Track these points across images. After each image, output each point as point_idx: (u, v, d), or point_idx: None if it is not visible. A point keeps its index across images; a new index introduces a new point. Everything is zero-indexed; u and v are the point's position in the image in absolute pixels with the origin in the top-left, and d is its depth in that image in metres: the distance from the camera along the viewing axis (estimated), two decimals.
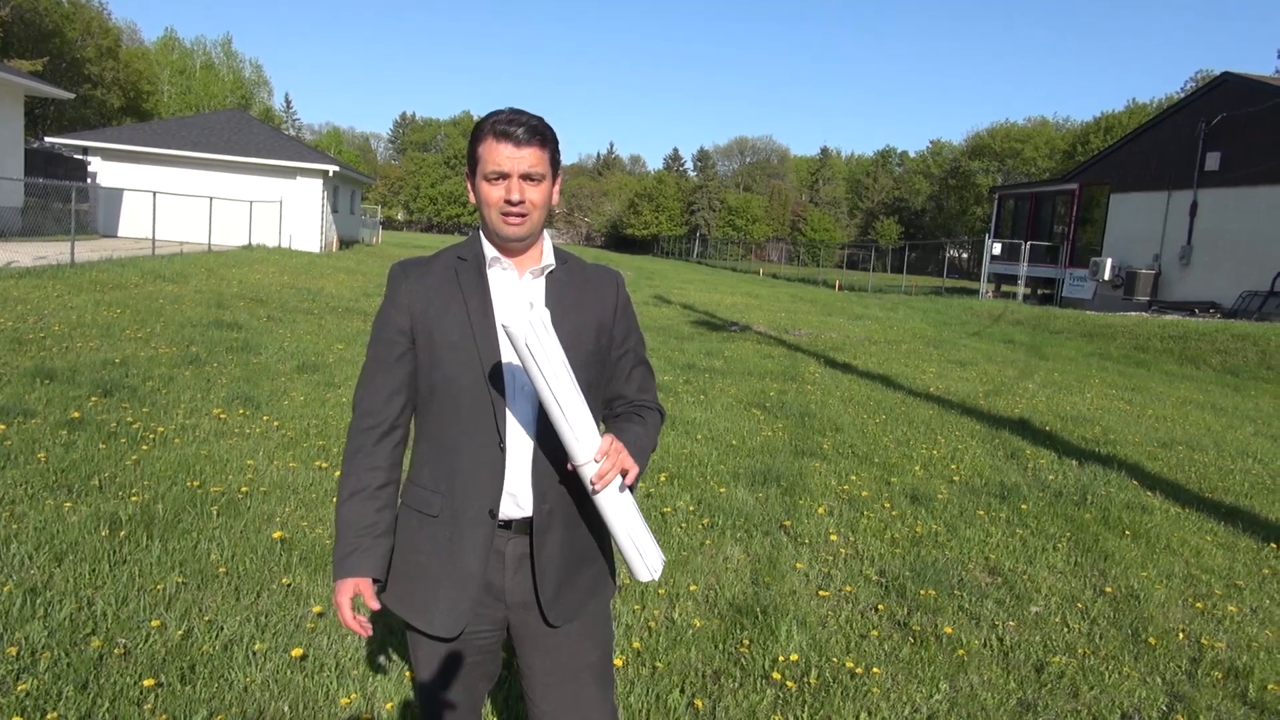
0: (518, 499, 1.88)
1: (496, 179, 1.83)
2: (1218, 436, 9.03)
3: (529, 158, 1.82)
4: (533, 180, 1.84)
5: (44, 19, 45.03)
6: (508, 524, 1.90)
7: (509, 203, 1.83)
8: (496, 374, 1.86)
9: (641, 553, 1.84)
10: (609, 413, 2.07)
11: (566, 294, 1.95)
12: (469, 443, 1.87)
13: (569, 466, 1.77)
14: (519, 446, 1.87)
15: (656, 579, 1.92)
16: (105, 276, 14.19)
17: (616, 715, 2.05)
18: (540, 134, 1.84)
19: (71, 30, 47.85)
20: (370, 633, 1.92)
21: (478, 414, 1.86)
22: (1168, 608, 4.45)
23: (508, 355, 1.87)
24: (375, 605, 1.88)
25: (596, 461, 1.72)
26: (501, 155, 1.81)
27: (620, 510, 1.80)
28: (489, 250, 1.92)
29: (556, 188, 1.94)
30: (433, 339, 1.88)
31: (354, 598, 1.88)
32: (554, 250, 1.98)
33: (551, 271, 1.96)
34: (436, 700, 2.00)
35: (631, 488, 1.85)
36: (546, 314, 1.69)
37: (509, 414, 1.86)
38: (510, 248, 1.90)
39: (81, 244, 17.82)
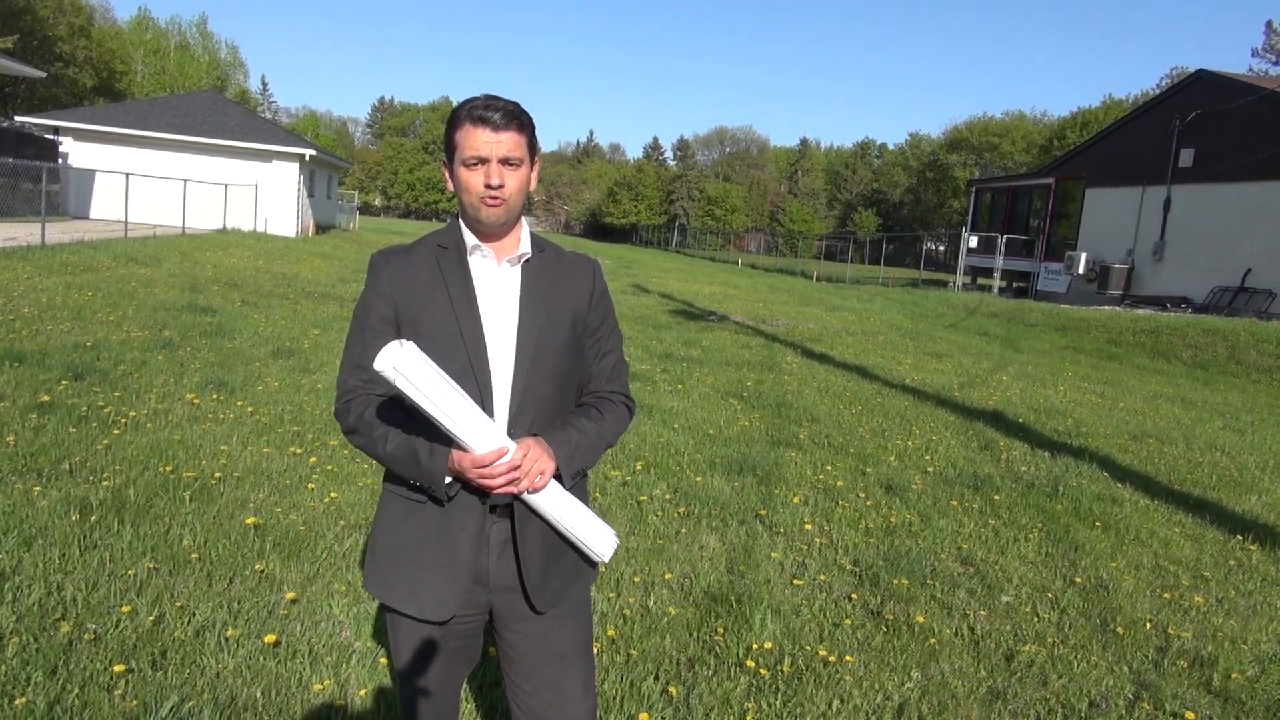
0: None
1: (475, 164, 1.83)
2: (1187, 430, 9.15)
3: (507, 142, 1.82)
4: (511, 165, 1.84)
5: None
6: (494, 508, 1.90)
7: (489, 187, 1.83)
8: (482, 365, 1.86)
9: (582, 542, 1.91)
10: (577, 400, 2.07)
11: (542, 281, 1.95)
12: None
13: None
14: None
15: (605, 561, 1.97)
16: (76, 259, 13.99)
17: (595, 697, 2.07)
18: (517, 118, 1.84)
19: (43, 8, 47.06)
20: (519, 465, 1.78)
21: None
22: (1136, 598, 4.51)
23: (491, 342, 1.87)
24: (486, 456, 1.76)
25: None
26: (479, 140, 1.81)
27: (549, 507, 1.85)
28: (469, 238, 1.92)
29: (534, 173, 1.94)
30: (417, 327, 1.87)
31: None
32: (531, 238, 1.98)
33: (528, 259, 1.95)
34: (416, 686, 2.00)
35: (560, 480, 1.86)
36: (411, 346, 1.67)
37: (494, 400, 1.87)
38: (490, 233, 1.90)
39: (52, 225, 17.55)
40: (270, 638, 3.29)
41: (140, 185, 22.83)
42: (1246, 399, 11.97)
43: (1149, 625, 4.19)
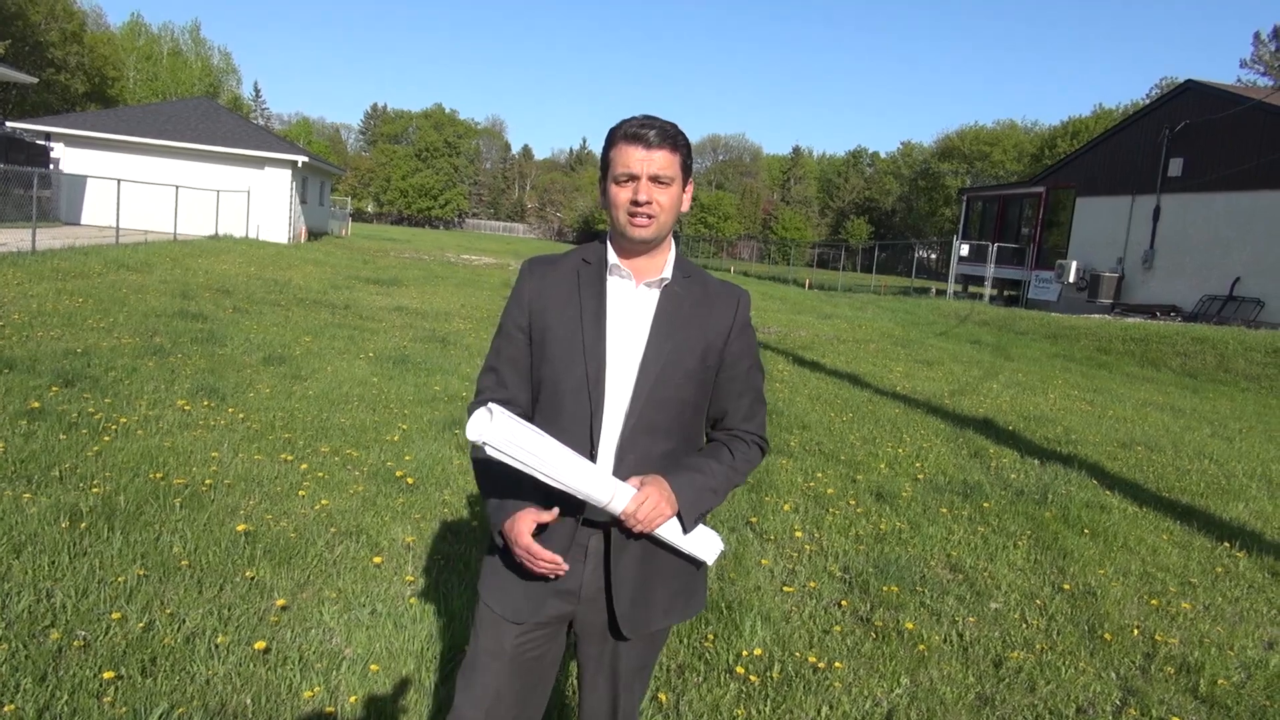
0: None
1: (626, 181, 1.85)
2: (1176, 437, 9.20)
3: (659, 160, 1.84)
4: (661, 183, 1.85)
5: (6, 2, 44.15)
6: (593, 523, 1.91)
7: (635, 203, 1.84)
8: (599, 381, 1.87)
9: (686, 549, 1.93)
10: (710, 433, 2.07)
11: (680, 308, 1.94)
12: (565, 444, 1.86)
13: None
14: (607, 457, 1.88)
15: (709, 564, 2.03)
16: (67, 265, 13.96)
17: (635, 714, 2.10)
18: (671, 138, 1.86)
19: (35, 13, 46.97)
20: (566, 568, 1.87)
21: (576, 419, 1.88)
22: (1124, 604, 4.54)
23: (612, 362, 1.88)
24: (550, 516, 1.85)
25: (622, 514, 1.80)
26: (632, 158, 1.83)
27: (663, 534, 1.88)
28: (611, 256, 1.93)
29: (687, 193, 1.94)
30: (545, 336, 1.91)
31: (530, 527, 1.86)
32: (679, 262, 1.97)
33: (668, 285, 1.95)
34: (478, 686, 1.96)
35: (682, 523, 1.88)
36: (500, 412, 1.71)
37: (604, 424, 1.87)
38: (634, 250, 1.91)
39: (43, 231, 17.50)
40: (260, 644, 3.29)
41: (132, 191, 22.79)
42: (1235, 407, 12.04)
43: (1136, 631, 4.22)
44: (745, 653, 3.63)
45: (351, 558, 4.22)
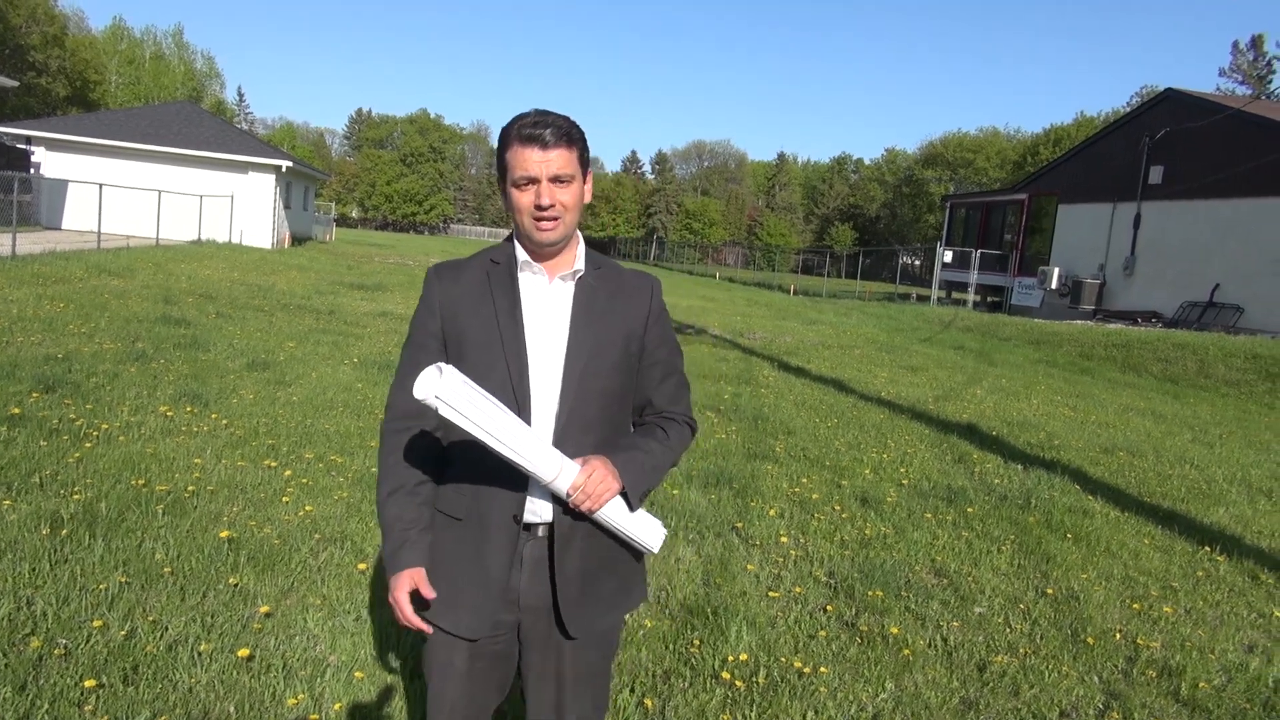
0: (537, 507, 1.88)
1: (526, 184, 1.82)
2: (1157, 443, 9.28)
3: (557, 160, 1.81)
4: (562, 182, 1.83)
5: None
6: (529, 527, 1.90)
7: (539, 208, 1.81)
8: (522, 379, 1.85)
9: (632, 537, 1.92)
10: (637, 421, 2.06)
11: (596, 299, 1.93)
12: None
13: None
14: None
15: (655, 552, 2.00)
16: (48, 270, 13.85)
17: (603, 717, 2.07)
18: (567, 134, 1.82)
19: (15, 16, 46.62)
20: (431, 630, 1.91)
21: None
22: (1106, 609, 4.57)
23: (538, 358, 1.87)
24: (431, 594, 1.87)
25: (569, 490, 1.77)
26: (529, 160, 1.80)
27: (605, 516, 1.86)
28: (520, 254, 1.91)
29: (588, 186, 1.92)
30: (461, 341, 1.89)
31: (411, 591, 1.88)
32: (588, 254, 1.96)
33: (582, 276, 1.94)
34: (446, 706, 1.98)
35: (627, 501, 1.87)
36: (451, 370, 1.69)
37: (534, 419, 1.85)
38: (543, 252, 1.89)
39: (23, 236, 17.36)
40: (244, 652, 3.27)
41: (114, 196, 22.62)
42: (1215, 412, 12.14)
43: (1119, 635, 4.24)
44: (731, 658, 3.63)
45: (336, 564, 4.20)
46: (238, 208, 29.36)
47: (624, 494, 1.85)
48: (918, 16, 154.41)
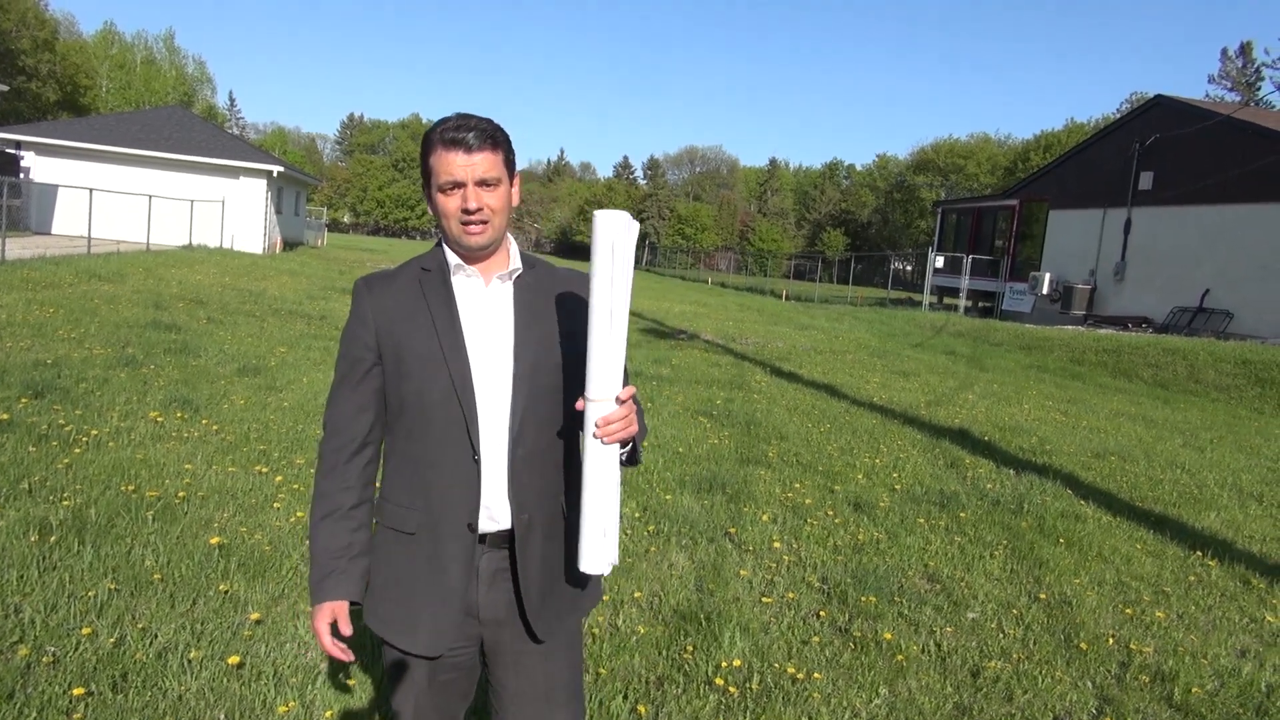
0: (493, 512, 1.86)
1: (452, 189, 1.79)
2: (1148, 447, 9.30)
3: (482, 164, 1.78)
4: (489, 185, 1.80)
5: None
6: (483, 538, 1.87)
7: (466, 212, 1.79)
8: (466, 385, 1.82)
9: (605, 534, 1.77)
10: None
11: (536, 299, 1.91)
12: (442, 456, 1.83)
13: (578, 404, 1.73)
14: (494, 458, 1.84)
15: (589, 572, 1.81)
16: (38, 275, 13.78)
17: None
18: (491, 137, 1.79)
19: (5, 20, 46.48)
20: (352, 658, 1.90)
21: (449, 426, 1.82)
22: (1099, 614, 4.57)
23: (476, 365, 1.83)
24: (348, 631, 1.85)
25: (614, 403, 1.69)
26: (454, 164, 1.77)
27: (602, 479, 1.73)
28: (453, 258, 1.88)
29: (515, 188, 1.89)
30: (400, 352, 1.84)
31: (332, 623, 1.86)
32: (520, 254, 1.94)
33: (519, 276, 1.92)
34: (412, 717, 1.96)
35: (624, 464, 1.82)
36: (636, 226, 1.64)
37: (481, 425, 1.83)
38: (474, 256, 1.87)
39: (13, 241, 17.28)
40: (234, 659, 3.25)
41: (104, 201, 22.54)
42: (1205, 417, 12.19)
43: (1111, 640, 4.25)
44: (724, 664, 3.62)
45: None
46: (229, 213, 29.27)
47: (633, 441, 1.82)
48: (909, 24, 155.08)
